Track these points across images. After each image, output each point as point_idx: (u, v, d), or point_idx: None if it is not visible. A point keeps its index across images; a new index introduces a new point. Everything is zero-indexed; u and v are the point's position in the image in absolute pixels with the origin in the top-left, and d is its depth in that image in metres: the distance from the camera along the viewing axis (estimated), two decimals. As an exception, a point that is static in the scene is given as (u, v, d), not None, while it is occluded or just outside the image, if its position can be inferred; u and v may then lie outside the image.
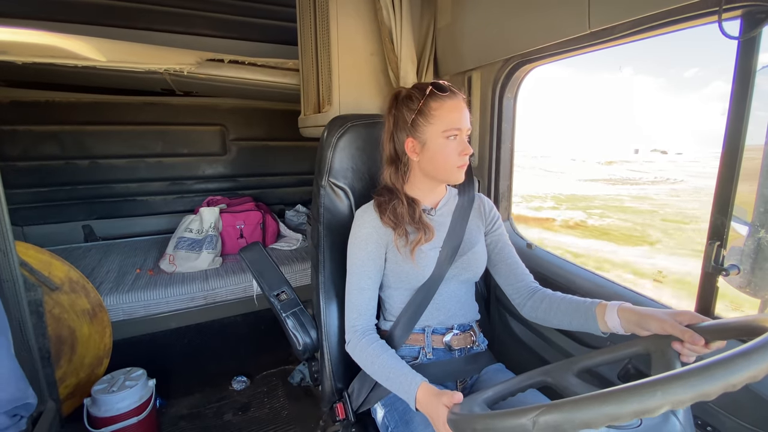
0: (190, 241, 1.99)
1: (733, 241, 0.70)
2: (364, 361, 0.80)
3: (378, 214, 0.84)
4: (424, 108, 0.79)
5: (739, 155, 0.67)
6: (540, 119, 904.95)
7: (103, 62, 1.40)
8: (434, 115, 0.79)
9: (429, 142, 0.80)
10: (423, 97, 0.79)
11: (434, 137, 0.79)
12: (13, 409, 0.94)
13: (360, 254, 0.84)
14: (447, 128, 0.79)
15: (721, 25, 0.63)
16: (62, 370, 1.45)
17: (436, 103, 0.79)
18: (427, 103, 0.79)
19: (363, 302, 0.84)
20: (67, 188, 2.29)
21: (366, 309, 0.84)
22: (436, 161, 0.81)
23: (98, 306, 1.56)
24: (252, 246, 1.04)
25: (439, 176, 0.84)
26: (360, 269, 0.84)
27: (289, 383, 1.86)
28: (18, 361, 0.97)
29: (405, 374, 0.72)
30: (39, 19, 1.88)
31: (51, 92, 2.14)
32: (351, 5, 1.25)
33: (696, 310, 0.74)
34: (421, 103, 0.79)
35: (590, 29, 0.80)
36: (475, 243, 0.90)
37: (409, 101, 0.81)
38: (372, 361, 0.77)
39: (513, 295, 0.89)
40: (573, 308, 0.77)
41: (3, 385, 0.92)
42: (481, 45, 1.14)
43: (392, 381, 0.74)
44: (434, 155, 0.80)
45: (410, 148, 0.83)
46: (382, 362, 0.76)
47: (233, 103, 2.59)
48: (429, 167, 0.83)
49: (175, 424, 1.62)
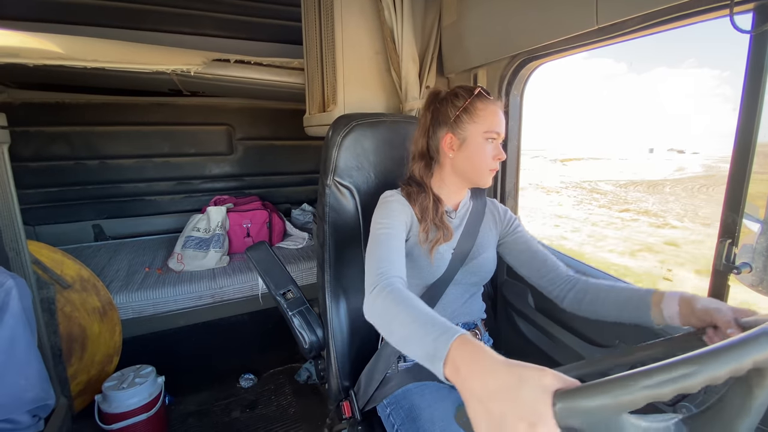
0: (198, 240, 2.01)
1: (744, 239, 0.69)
2: (385, 309, 0.59)
3: (408, 201, 0.83)
4: (470, 106, 0.80)
5: (751, 152, 0.66)
6: (579, 116, 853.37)
7: (111, 63, 1.42)
8: (479, 114, 0.80)
9: (469, 140, 0.81)
10: (470, 96, 0.81)
11: (475, 136, 0.80)
12: (34, 409, 0.96)
13: (389, 221, 0.76)
14: (489, 129, 0.80)
15: (733, 19, 0.61)
16: (73, 367, 1.48)
17: (482, 104, 0.80)
18: (474, 102, 0.80)
19: (394, 255, 0.70)
20: (77, 188, 2.33)
21: (398, 261, 0.69)
22: (473, 160, 0.82)
23: (108, 304, 1.58)
24: (258, 245, 1.05)
25: (471, 176, 0.84)
26: (389, 230, 0.75)
27: (296, 381, 1.87)
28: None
29: (441, 324, 0.51)
30: (48, 22, 1.91)
31: (61, 94, 2.17)
32: (355, 5, 1.25)
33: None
34: (467, 101, 0.81)
35: (598, 25, 0.79)
36: (487, 248, 0.90)
37: (455, 98, 0.82)
38: (396, 310, 0.57)
39: (549, 287, 0.86)
40: (624, 298, 0.72)
41: (31, 385, 0.94)
42: (487, 42, 1.13)
43: (421, 331, 0.51)
44: (472, 154, 0.81)
45: (447, 144, 0.83)
46: (412, 309, 0.55)
47: (239, 103, 2.60)
48: (464, 165, 0.83)
49: (183, 421, 1.64)
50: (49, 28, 1.84)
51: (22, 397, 0.92)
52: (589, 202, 13.31)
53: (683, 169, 20.18)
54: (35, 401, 0.95)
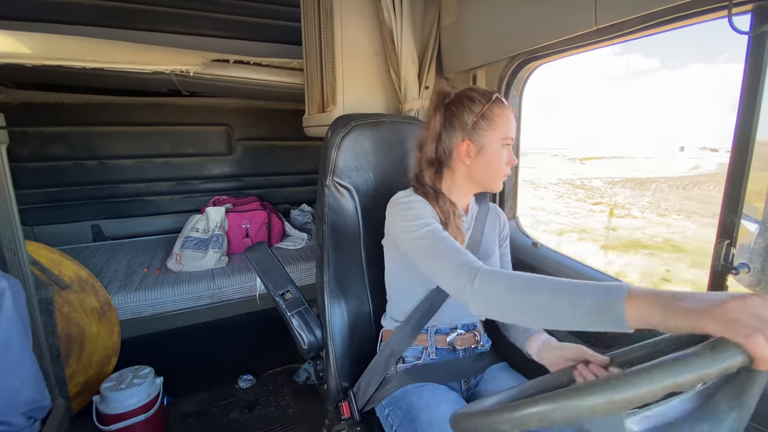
0: (197, 241, 2.01)
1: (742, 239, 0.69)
2: (510, 290, 0.57)
3: (427, 200, 0.80)
4: (488, 112, 0.79)
5: (749, 153, 0.66)
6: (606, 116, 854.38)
7: (110, 64, 1.41)
8: (498, 121, 0.79)
9: (487, 147, 0.79)
10: (488, 101, 0.79)
11: (493, 143, 0.79)
12: (29, 411, 0.96)
13: (425, 220, 0.73)
14: (506, 136, 0.79)
15: (731, 19, 0.62)
16: (71, 368, 1.47)
17: (499, 110, 0.79)
18: (492, 108, 0.79)
19: (455, 243, 0.69)
20: (75, 188, 2.32)
21: (461, 247, 0.68)
22: (490, 167, 0.81)
23: (107, 305, 1.58)
24: (257, 245, 1.05)
25: (486, 182, 0.84)
26: (433, 225, 0.72)
27: (295, 382, 1.87)
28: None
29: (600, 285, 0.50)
30: (46, 22, 1.91)
31: (60, 94, 2.16)
32: (354, 5, 1.25)
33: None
34: (485, 107, 0.79)
35: (597, 26, 0.79)
36: (492, 253, 0.91)
37: (471, 103, 0.80)
38: (530, 282, 0.56)
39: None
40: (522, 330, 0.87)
41: (25, 387, 0.94)
42: (486, 43, 1.13)
43: (575, 291, 0.51)
44: (489, 161, 0.80)
45: (464, 151, 0.81)
46: (539, 280, 0.55)
47: (238, 104, 2.60)
48: (481, 172, 0.82)
49: (182, 422, 1.64)
50: (48, 28, 1.83)
51: (17, 399, 0.92)
52: (569, 196, 14.43)
53: (699, 167, 20.59)
54: (30, 403, 0.95)
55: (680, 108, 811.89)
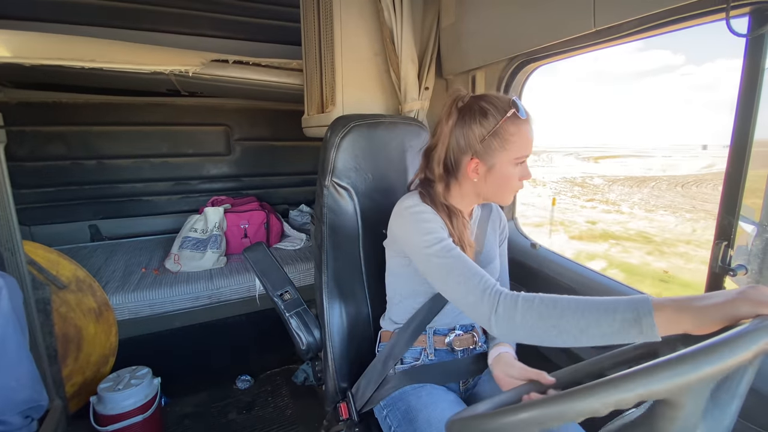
0: (195, 241, 2.00)
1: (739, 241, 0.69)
2: (539, 316, 0.57)
3: (436, 211, 0.77)
4: (500, 130, 0.71)
5: (747, 155, 0.66)
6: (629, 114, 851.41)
7: (109, 64, 1.41)
8: (510, 140, 0.72)
9: (497, 167, 0.73)
10: (502, 117, 0.71)
11: (504, 163, 0.73)
12: (26, 410, 0.96)
13: (438, 235, 0.71)
14: (519, 155, 0.73)
15: (729, 22, 0.62)
16: (69, 368, 1.47)
17: (515, 128, 0.72)
18: (506, 125, 0.71)
19: (473, 264, 0.67)
20: (73, 188, 2.32)
21: (479, 268, 0.67)
22: (498, 186, 0.76)
23: (104, 305, 1.57)
24: (256, 246, 1.04)
25: (494, 198, 0.80)
26: (446, 241, 0.70)
27: (293, 382, 1.86)
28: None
29: (613, 299, 0.53)
30: (45, 21, 1.90)
31: (58, 93, 2.16)
32: (354, 6, 1.25)
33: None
34: (498, 124, 0.71)
35: (595, 27, 0.79)
36: (493, 258, 0.90)
37: (483, 117, 0.72)
38: (553, 305, 0.56)
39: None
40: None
41: (22, 386, 0.94)
42: (485, 44, 1.14)
43: (602, 309, 0.52)
44: (498, 180, 0.75)
45: (472, 169, 0.75)
46: (569, 302, 0.56)
47: (238, 104, 2.60)
48: (488, 190, 0.77)
49: (179, 423, 1.63)
50: (46, 27, 1.83)
51: (13, 398, 0.92)
52: (565, 193, 15.16)
53: (712, 166, 20.95)
54: (27, 402, 0.95)
55: (705, 104, 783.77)
